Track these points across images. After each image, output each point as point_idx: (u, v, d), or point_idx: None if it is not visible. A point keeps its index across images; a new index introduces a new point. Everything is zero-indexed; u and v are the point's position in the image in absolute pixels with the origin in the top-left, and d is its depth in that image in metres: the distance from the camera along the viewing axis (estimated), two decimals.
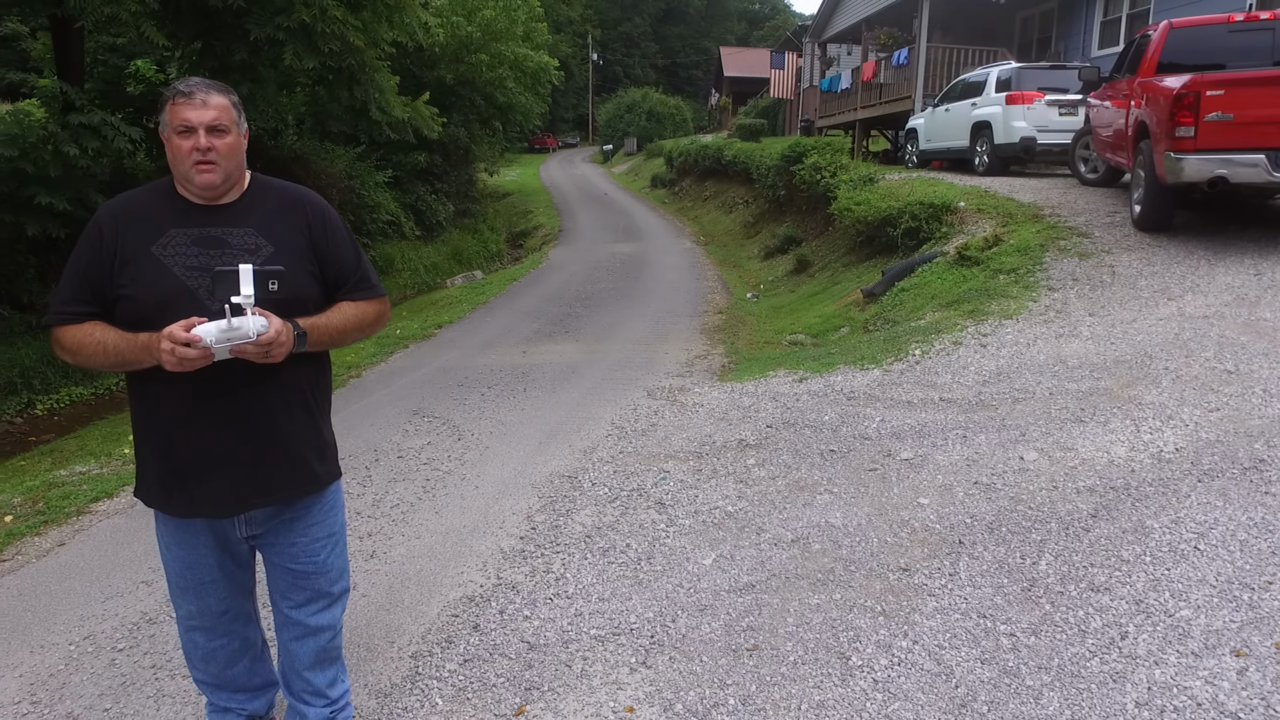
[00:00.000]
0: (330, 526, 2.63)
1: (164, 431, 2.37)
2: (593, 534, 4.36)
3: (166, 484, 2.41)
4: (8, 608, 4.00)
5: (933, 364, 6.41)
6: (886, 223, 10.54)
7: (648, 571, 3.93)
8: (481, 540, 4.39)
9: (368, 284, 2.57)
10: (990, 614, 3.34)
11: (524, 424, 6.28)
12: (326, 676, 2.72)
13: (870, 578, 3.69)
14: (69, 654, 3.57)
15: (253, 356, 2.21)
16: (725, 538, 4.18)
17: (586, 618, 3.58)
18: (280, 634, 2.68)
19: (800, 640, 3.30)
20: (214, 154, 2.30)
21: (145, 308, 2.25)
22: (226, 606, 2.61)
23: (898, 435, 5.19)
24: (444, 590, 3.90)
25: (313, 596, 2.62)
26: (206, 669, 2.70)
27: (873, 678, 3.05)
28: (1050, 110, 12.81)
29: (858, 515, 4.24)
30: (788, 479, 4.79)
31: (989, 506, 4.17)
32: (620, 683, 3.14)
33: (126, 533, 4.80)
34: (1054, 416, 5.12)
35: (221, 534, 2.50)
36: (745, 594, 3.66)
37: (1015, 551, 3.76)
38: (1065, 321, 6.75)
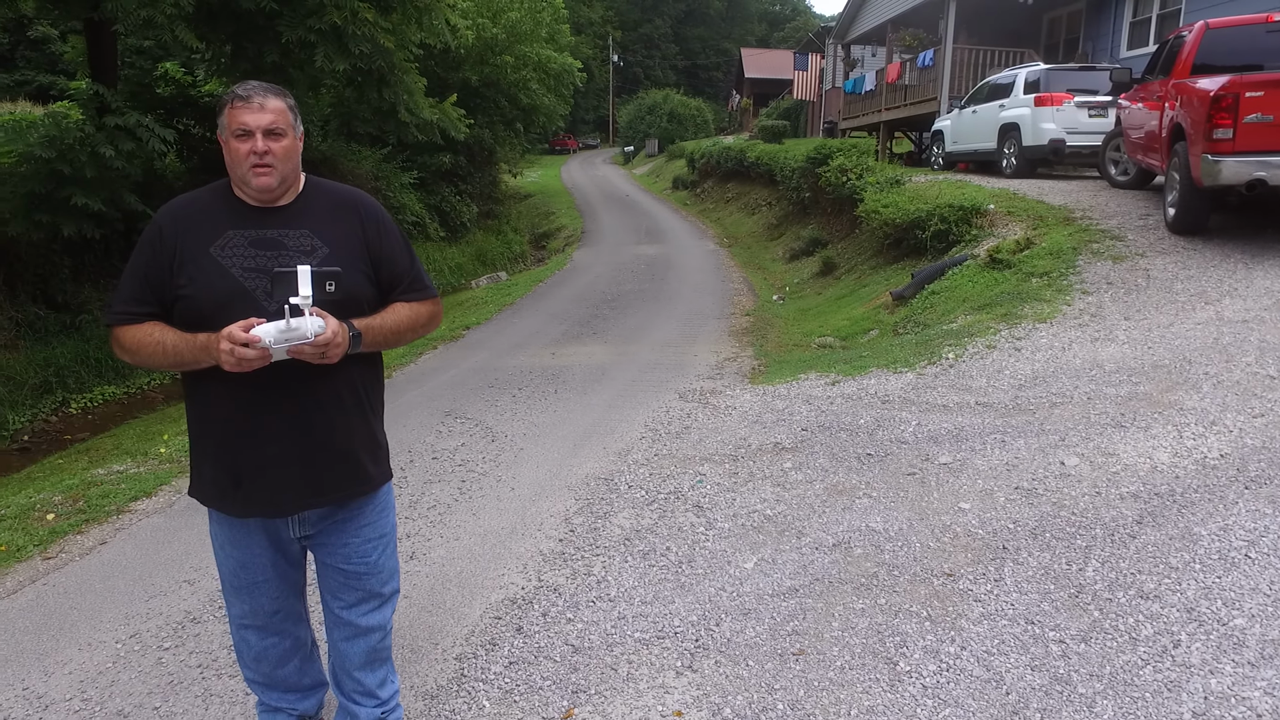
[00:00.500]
0: (382, 527, 2.65)
1: (220, 431, 2.40)
2: (632, 537, 4.36)
3: (222, 484, 2.43)
4: (55, 606, 4.04)
5: (967, 367, 6.37)
6: (915, 225, 10.49)
7: (689, 575, 3.93)
8: (520, 542, 4.40)
9: (421, 285, 2.59)
10: (1038, 620, 3.32)
11: (557, 426, 6.29)
12: (377, 677, 2.74)
13: (914, 583, 3.67)
14: (116, 652, 3.60)
15: (309, 357, 2.23)
16: (765, 541, 4.17)
17: (630, 621, 3.59)
18: (331, 634, 2.70)
19: (846, 645, 3.30)
20: (270, 157, 2.32)
21: (204, 308, 2.28)
22: (279, 606, 2.64)
23: (935, 439, 5.17)
24: (485, 592, 3.92)
25: (364, 597, 2.63)
26: (258, 668, 2.73)
27: (922, 684, 3.04)
28: (1079, 112, 12.72)
29: (898, 520, 4.23)
30: (825, 483, 4.78)
31: (1031, 512, 4.14)
32: (667, 686, 3.14)
33: (166, 532, 4.85)
34: (1093, 422, 5.08)
35: (275, 534, 2.53)
36: (788, 598, 3.65)
37: (1060, 558, 3.73)
38: (1100, 325, 6.70)
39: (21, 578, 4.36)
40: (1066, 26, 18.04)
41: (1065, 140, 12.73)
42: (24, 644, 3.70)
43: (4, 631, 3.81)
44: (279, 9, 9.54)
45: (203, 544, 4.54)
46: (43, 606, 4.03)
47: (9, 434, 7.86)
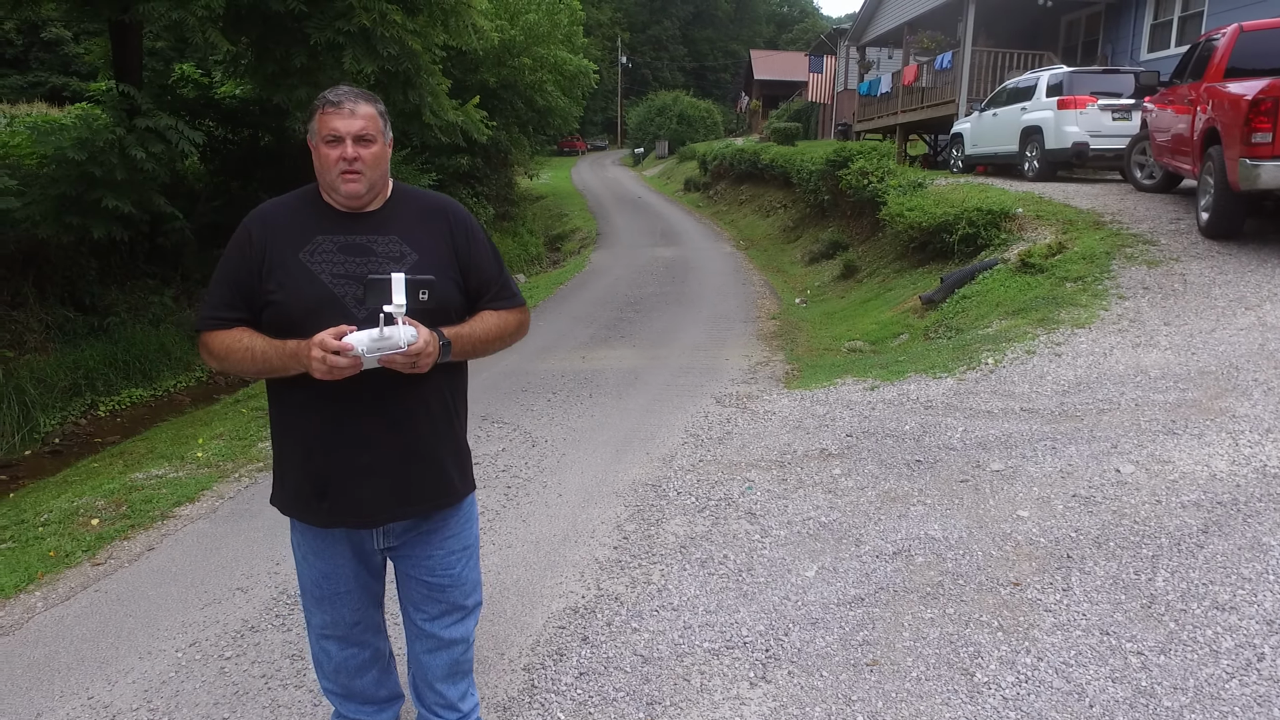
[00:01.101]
0: (466, 539, 2.62)
1: (307, 440, 2.37)
2: (687, 545, 4.34)
3: (307, 494, 2.40)
4: (110, 613, 4.02)
5: (1008, 373, 6.34)
6: (942, 229, 10.45)
7: (750, 584, 3.90)
8: (574, 550, 4.38)
9: (509, 293, 2.56)
10: (1113, 631, 3.29)
11: (596, 430, 6.27)
12: (459, 689, 2.72)
13: (981, 592, 3.64)
14: (177, 661, 3.58)
15: (401, 366, 2.20)
16: (824, 549, 4.14)
17: (697, 630, 3.56)
18: (413, 646, 2.67)
19: (920, 655, 3.26)
20: (360, 163, 2.30)
21: (293, 314, 2.26)
22: (360, 617, 2.61)
23: (983, 446, 5.13)
24: (545, 601, 3.89)
25: (447, 609, 2.61)
26: (337, 679, 2.70)
27: (1001, 695, 3.00)
28: (1103, 115, 12.68)
29: (957, 527, 4.20)
30: (877, 489, 4.75)
31: (1092, 521, 4.11)
32: (742, 698, 3.12)
33: (213, 538, 4.82)
34: (1144, 428, 5.04)
35: (359, 545, 2.50)
36: (855, 607, 3.62)
37: (1128, 567, 3.70)
38: (1140, 331, 6.66)
39: (73, 584, 4.34)
40: (1085, 29, 18.00)
41: (1089, 143, 12.69)
42: (84, 651, 3.68)
43: (63, 638, 3.79)
44: (307, 11, 9.54)
45: (252, 551, 4.53)
46: (98, 613, 4.01)
47: (40, 436, 7.85)
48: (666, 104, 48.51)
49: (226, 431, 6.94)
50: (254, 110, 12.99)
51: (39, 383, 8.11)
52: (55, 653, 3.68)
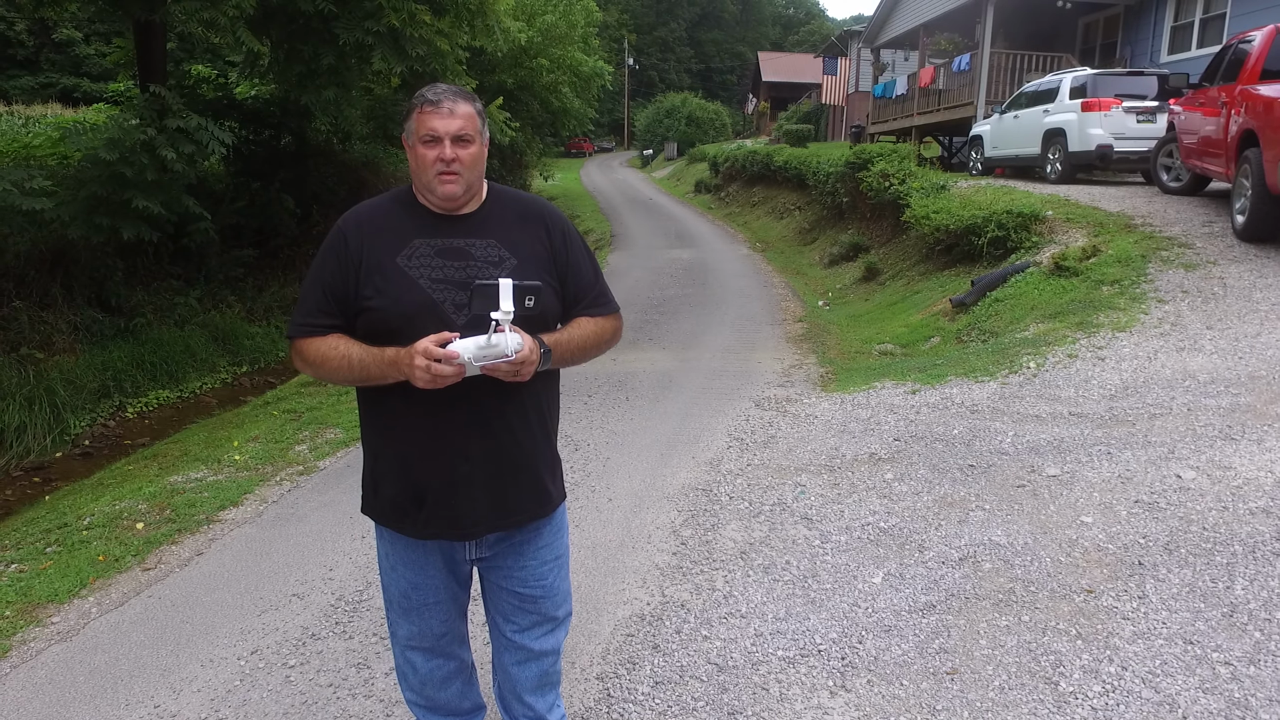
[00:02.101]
0: (558, 549, 2.57)
1: (404, 450, 2.32)
2: (747, 550, 4.29)
3: (403, 504, 2.35)
4: (166, 619, 3.98)
5: (1051, 377, 6.29)
6: (970, 231, 10.39)
7: (817, 590, 3.85)
8: (633, 556, 4.33)
9: (606, 299, 2.51)
10: (1197, 640, 3.24)
11: (636, 434, 6.22)
12: (547, 701, 2.67)
13: (1055, 599, 3.59)
14: (240, 669, 3.54)
15: (504, 375, 2.15)
16: (887, 555, 4.09)
17: (769, 638, 3.51)
18: (501, 657, 2.62)
19: (1000, 664, 3.21)
20: (458, 164, 2.24)
21: (391, 321, 2.21)
22: (447, 628, 2.56)
23: (1036, 451, 5.08)
24: (610, 608, 3.85)
25: (538, 621, 2.56)
26: (422, 691, 2.66)
27: (1090, 705, 2.95)
28: (1128, 117, 12.62)
29: (1021, 533, 4.14)
30: (932, 495, 4.70)
31: (1159, 527, 4.05)
32: (824, 707, 3.07)
33: (261, 543, 4.78)
34: (1200, 434, 4.99)
35: (450, 555, 2.45)
36: (928, 614, 3.57)
37: (1203, 574, 3.65)
38: (1183, 335, 6.61)
39: (125, 589, 4.30)
40: (1103, 31, 17.93)
41: (1113, 146, 12.63)
42: (144, 659, 3.64)
43: (121, 645, 3.75)
44: (336, 11, 9.50)
45: (303, 557, 4.49)
46: (154, 620, 3.97)
47: (70, 438, 7.82)
48: (675, 105, 48.49)
49: (261, 434, 6.90)
50: (274, 111, 12.98)
51: (68, 384, 8.08)
52: (115, 659, 3.64)
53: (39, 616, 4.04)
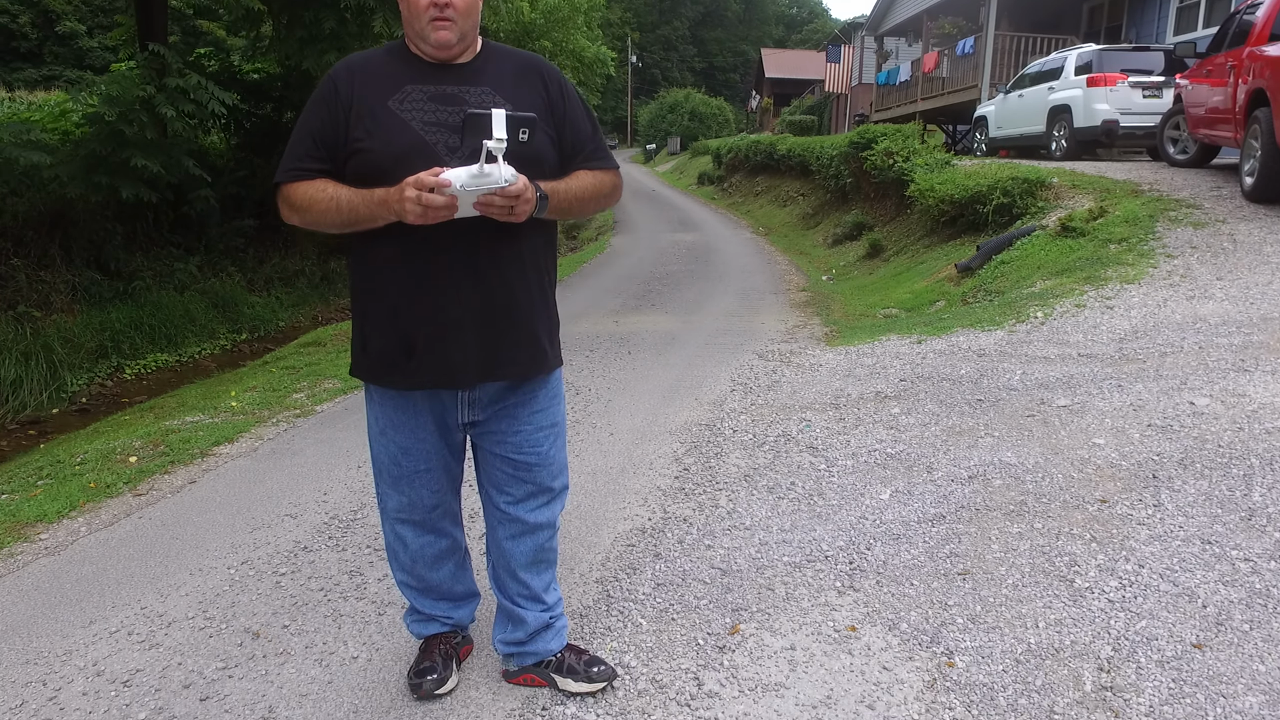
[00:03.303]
0: (554, 415, 2.49)
1: (395, 295, 2.24)
2: (751, 474, 4.20)
3: (393, 354, 2.27)
4: (155, 536, 3.89)
5: (1059, 324, 6.19)
6: (975, 200, 10.29)
7: (823, 507, 3.77)
8: (634, 480, 4.25)
9: (604, 153, 2.44)
10: (1215, 541, 3.15)
11: (639, 381, 6.13)
12: (543, 580, 2.58)
13: (1067, 509, 3.50)
14: (230, 577, 3.45)
15: (497, 212, 2.07)
16: (895, 476, 4.00)
17: (774, 547, 3.42)
18: (495, 533, 2.54)
19: (1013, 565, 3.12)
20: (451, 10, 2.17)
21: (381, 162, 2.14)
22: (438, 500, 2.48)
23: (1045, 386, 4.99)
24: (610, 523, 3.76)
25: (534, 491, 2.47)
26: (413, 570, 2.57)
27: (1107, 599, 2.86)
28: (1134, 93, 12.52)
29: (1031, 454, 4.05)
30: (940, 425, 4.61)
31: (1173, 446, 3.96)
32: (831, 605, 2.98)
33: (255, 473, 4.70)
34: (1212, 367, 4.89)
35: (441, 417, 2.37)
36: (937, 524, 3.48)
37: (1219, 485, 3.55)
38: (1193, 285, 6.51)
39: (115, 512, 4.22)
40: (1108, 14, 17.83)
41: (1118, 121, 12.52)
42: (132, 569, 3.55)
43: (109, 558, 3.67)
44: None
45: (297, 484, 4.40)
46: (143, 536, 3.89)
47: (68, 396, 7.74)
48: (678, 101, 48.41)
49: (259, 385, 6.83)
50: (277, 86, 12.91)
51: (66, 343, 8.01)
52: (103, 570, 3.56)
53: (27, 534, 3.96)
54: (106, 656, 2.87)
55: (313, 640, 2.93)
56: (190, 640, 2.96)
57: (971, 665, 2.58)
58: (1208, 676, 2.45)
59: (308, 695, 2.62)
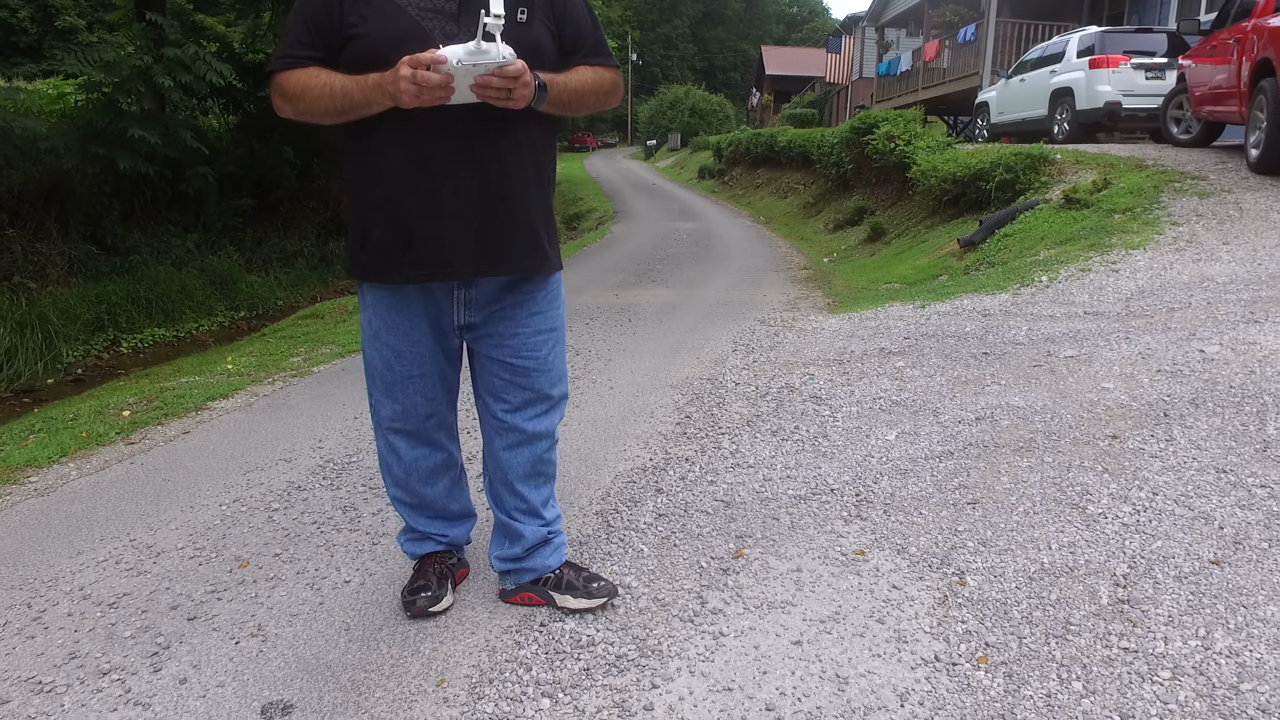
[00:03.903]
0: (553, 319, 2.41)
1: (390, 185, 2.18)
2: (753, 420, 4.13)
3: (388, 248, 2.20)
4: (147, 479, 3.81)
5: (1064, 287, 6.13)
6: (978, 177, 10.23)
7: (827, 447, 3.69)
8: (635, 426, 4.17)
9: (604, 50, 2.37)
10: (1231, 470, 3.07)
11: (640, 344, 6.06)
12: (541, 494, 2.51)
13: (1078, 445, 3.42)
14: (222, 513, 3.37)
15: (495, 95, 2.01)
16: (900, 420, 3.93)
17: (778, 482, 3.35)
18: (492, 443, 2.46)
19: (1024, 495, 3.05)
20: None
21: (377, 46, 2.07)
22: (433, 410, 2.40)
23: (1052, 340, 4.92)
24: (611, 464, 3.69)
25: (532, 399, 2.40)
26: (406, 484, 2.49)
27: (1121, 522, 2.79)
28: (1136, 74, 12.42)
29: (1039, 398, 3.98)
30: (945, 376, 4.54)
31: (1184, 388, 3.89)
32: (838, 532, 2.90)
33: (250, 425, 4.62)
34: (1221, 320, 4.83)
35: (437, 320, 2.30)
36: (945, 460, 3.41)
37: (1232, 421, 3.48)
38: (1199, 249, 6.44)
39: (107, 458, 4.14)
40: (1110, 0, 17.76)
41: (1121, 103, 12.43)
42: (122, 506, 3.48)
43: (99, 498, 3.58)
44: None
45: (292, 433, 4.33)
46: (135, 479, 3.81)
47: (63, 366, 7.67)
48: (679, 97, 48.34)
49: (256, 351, 6.76)
50: None
51: (62, 314, 7.93)
52: (92, 509, 3.48)
53: (16, 478, 3.88)
54: (93, 582, 2.80)
55: (304, 567, 2.86)
56: (179, 568, 2.89)
57: (983, 584, 2.50)
58: (1227, 589, 2.37)
59: (298, 615, 2.54)
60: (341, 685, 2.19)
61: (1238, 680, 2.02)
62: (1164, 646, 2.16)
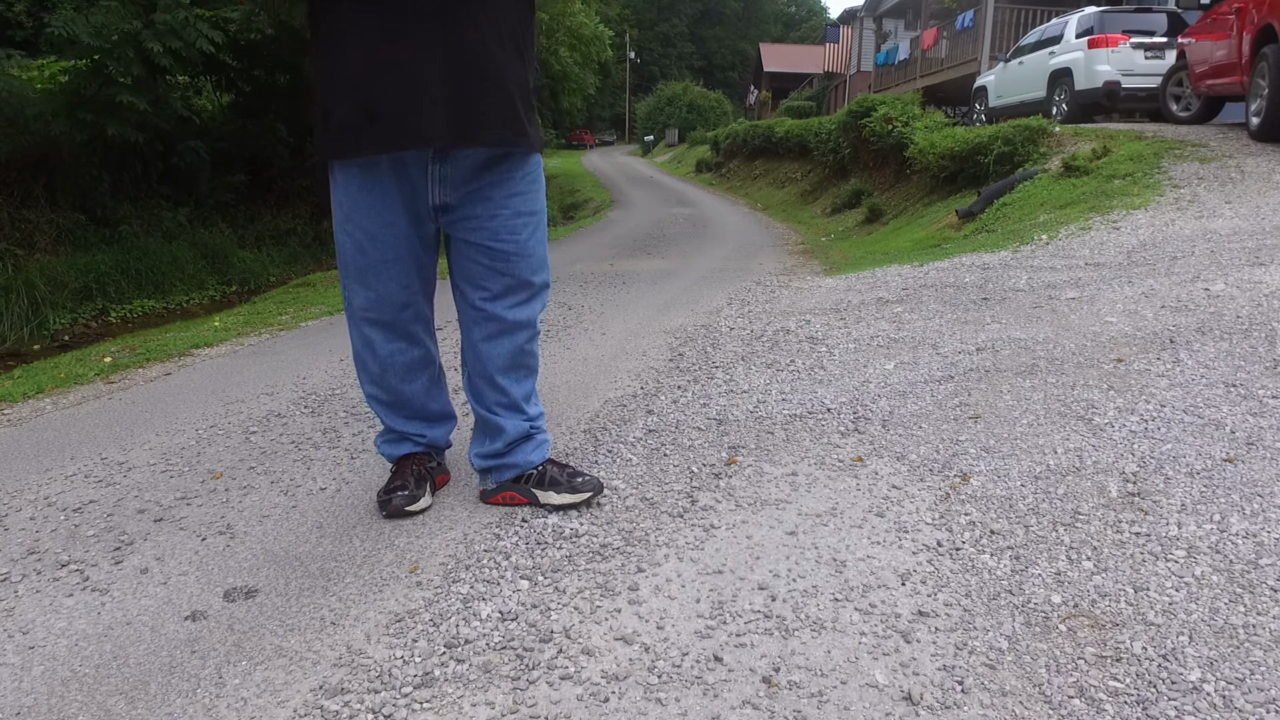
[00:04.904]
0: (533, 202, 2.30)
1: (359, 61, 2.07)
2: (748, 356, 4.03)
3: (356, 123, 2.09)
4: (124, 411, 3.70)
5: (1065, 244, 6.02)
6: (976, 151, 10.13)
7: (824, 376, 3.59)
8: (627, 363, 4.07)
9: None
10: (1240, 384, 2.97)
11: (634, 301, 5.96)
12: (523, 389, 2.39)
13: (1082, 368, 3.32)
14: (198, 436, 3.27)
15: None
16: (899, 353, 3.83)
17: (773, 404, 3.24)
18: (471, 335, 2.35)
19: (1027, 409, 2.95)
20: None
21: None
22: (408, 299, 2.29)
23: (1053, 286, 4.82)
24: (601, 392, 3.58)
25: (512, 285, 2.28)
26: (382, 380, 2.38)
27: (1128, 430, 2.68)
28: (1135, 53, 12.32)
29: (1041, 332, 3.88)
30: (945, 318, 4.43)
31: (1189, 320, 3.79)
32: (835, 443, 2.80)
33: (233, 367, 4.52)
34: (1224, 264, 4.72)
35: (411, 201, 2.19)
36: (945, 384, 3.31)
37: (1239, 345, 3.38)
38: (1201, 208, 6.34)
39: (85, 394, 4.04)
40: None
41: (1120, 83, 12.32)
42: (95, 433, 3.37)
43: (73, 427, 3.47)
44: None
45: (276, 371, 4.24)
46: (111, 411, 3.70)
47: (50, 332, 7.56)
48: (676, 94, 48.25)
49: (244, 312, 6.65)
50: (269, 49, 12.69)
51: (50, 281, 7.82)
52: (65, 435, 3.37)
53: None
54: (60, 492, 2.69)
55: (279, 477, 2.75)
56: (149, 480, 2.78)
57: (987, 483, 2.40)
58: (1241, 483, 2.27)
59: (269, 516, 2.43)
60: (310, 574, 2.08)
61: (1256, 557, 1.92)
62: (1178, 530, 2.06)
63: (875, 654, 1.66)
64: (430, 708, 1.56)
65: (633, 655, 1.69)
